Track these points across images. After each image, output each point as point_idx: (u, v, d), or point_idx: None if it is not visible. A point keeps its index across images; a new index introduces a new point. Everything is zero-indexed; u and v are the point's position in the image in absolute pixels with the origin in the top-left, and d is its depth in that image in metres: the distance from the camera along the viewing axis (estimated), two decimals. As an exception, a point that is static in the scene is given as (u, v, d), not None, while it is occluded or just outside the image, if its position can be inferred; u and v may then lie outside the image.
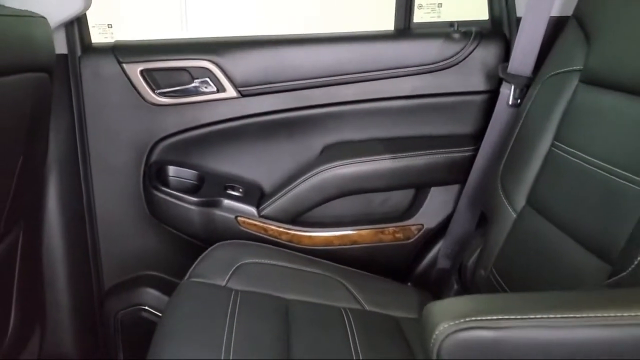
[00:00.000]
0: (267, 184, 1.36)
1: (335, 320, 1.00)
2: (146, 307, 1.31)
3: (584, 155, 0.87)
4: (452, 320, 0.54)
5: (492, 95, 1.25)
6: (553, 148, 0.95)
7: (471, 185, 1.24)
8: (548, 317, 0.54)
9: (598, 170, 0.83)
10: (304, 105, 1.30)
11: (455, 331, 0.54)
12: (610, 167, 0.80)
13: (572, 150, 0.90)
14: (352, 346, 0.92)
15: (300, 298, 1.04)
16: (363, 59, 1.29)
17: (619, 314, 0.53)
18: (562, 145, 0.92)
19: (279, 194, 1.30)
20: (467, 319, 0.54)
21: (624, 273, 0.72)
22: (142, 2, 3.17)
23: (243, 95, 1.28)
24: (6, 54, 0.87)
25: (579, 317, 0.54)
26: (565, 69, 0.96)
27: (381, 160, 1.30)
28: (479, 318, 0.54)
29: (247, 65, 1.27)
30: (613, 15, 0.90)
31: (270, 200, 1.30)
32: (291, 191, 1.30)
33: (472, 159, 1.25)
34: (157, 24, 3.11)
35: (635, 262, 0.70)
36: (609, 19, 0.92)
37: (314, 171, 1.29)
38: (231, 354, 0.84)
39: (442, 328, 0.54)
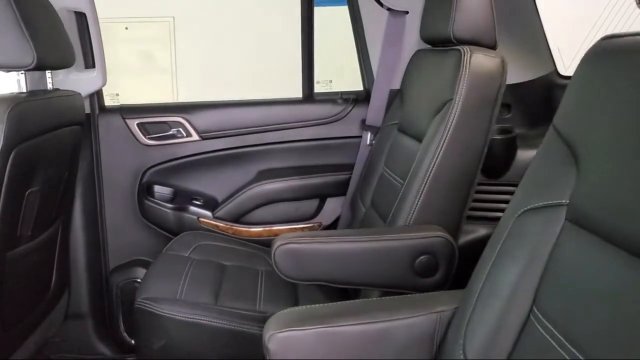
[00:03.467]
0: (219, 196, 2.01)
1: (253, 276, 1.60)
2: (138, 280, 1.92)
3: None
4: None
5: (360, 138, 1.93)
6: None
7: (349, 195, 1.91)
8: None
9: None
10: (243, 145, 1.98)
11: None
12: None
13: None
14: (259, 288, 1.53)
15: (233, 264, 1.67)
16: (282, 115, 1.98)
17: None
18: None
19: (227, 202, 1.97)
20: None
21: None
22: (139, 79, 4.08)
23: (203, 139, 1.95)
24: (63, 116, 1.53)
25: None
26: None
27: (293, 179, 1.97)
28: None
29: (205, 119, 1.95)
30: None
31: (221, 206, 1.96)
32: (235, 200, 1.96)
33: (349, 178, 1.93)
34: (154, 92, 4.04)
35: None
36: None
37: (250, 187, 1.96)
38: (185, 286, 1.46)
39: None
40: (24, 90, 1.48)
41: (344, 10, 1.96)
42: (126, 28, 4.57)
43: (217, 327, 1.32)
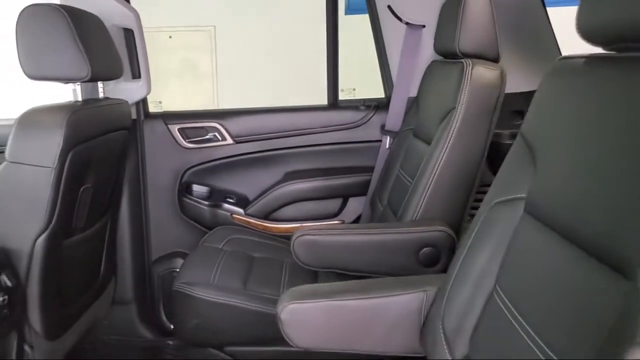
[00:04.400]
0: (250, 194, 2.20)
1: (279, 266, 1.77)
2: (177, 269, 2.10)
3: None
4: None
5: (380, 142, 2.08)
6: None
7: (369, 195, 2.06)
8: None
9: None
10: (272, 148, 2.16)
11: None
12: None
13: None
14: (283, 277, 1.70)
15: (261, 255, 1.85)
16: (308, 120, 2.15)
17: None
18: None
19: (257, 200, 2.15)
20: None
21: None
22: (182, 84, 4.45)
23: (237, 142, 2.14)
24: (112, 122, 1.73)
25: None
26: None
27: (318, 180, 2.13)
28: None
29: (239, 124, 2.14)
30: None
31: (252, 204, 2.15)
32: (264, 198, 2.14)
33: (370, 179, 2.08)
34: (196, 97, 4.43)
35: None
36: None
37: (278, 186, 2.14)
38: (217, 273, 1.65)
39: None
40: (80, 99, 1.67)
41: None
42: (170, 37, 4.87)
43: (244, 309, 1.49)
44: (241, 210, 2.13)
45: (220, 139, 2.13)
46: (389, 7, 1.93)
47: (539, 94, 0.89)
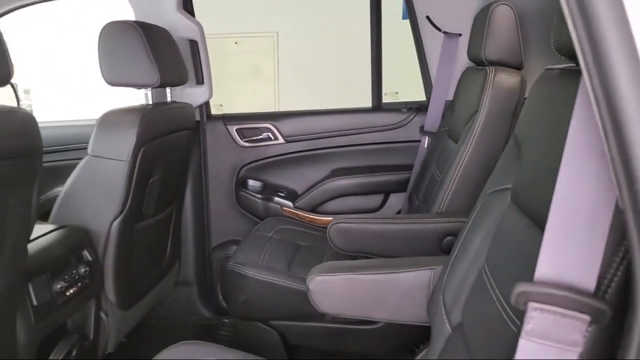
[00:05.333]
0: (299, 189, 2.40)
1: (320, 253, 1.93)
2: None
3: None
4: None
5: (419, 142, 2.22)
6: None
7: (408, 191, 2.21)
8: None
9: None
10: (320, 147, 2.35)
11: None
12: None
13: None
14: (324, 262, 1.88)
15: (306, 244, 2.04)
16: (353, 122, 2.32)
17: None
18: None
19: (305, 194, 2.34)
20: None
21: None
22: (246, 87, 4.77)
23: (288, 142, 2.35)
24: (178, 122, 1.96)
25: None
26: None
27: (361, 177, 2.31)
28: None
29: (290, 125, 2.34)
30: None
31: (300, 198, 2.34)
32: (311, 193, 2.33)
33: (409, 177, 2.23)
34: (258, 99, 4.75)
35: None
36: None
37: (325, 182, 2.32)
38: (265, 256, 1.85)
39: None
40: (150, 102, 1.92)
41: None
42: (236, 43, 5.19)
43: (287, 287, 1.69)
44: (290, 204, 2.34)
45: (272, 138, 2.34)
46: (427, 17, 2.08)
47: (528, 99, 1.03)
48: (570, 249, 0.55)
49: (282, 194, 2.36)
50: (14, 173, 1.10)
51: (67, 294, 1.47)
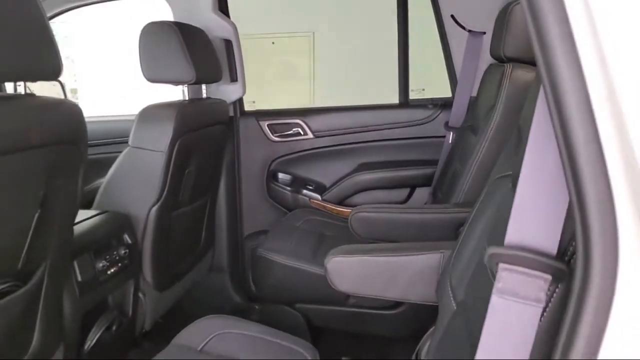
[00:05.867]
0: (327, 182, 2.49)
1: (344, 242, 2.03)
2: None
3: None
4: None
5: (444, 138, 2.28)
6: None
7: (433, 185, 2.27)
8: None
9: None
10: (348, 142, 2.43)
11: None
12: None
13: None
14: None
15: (331, 234, 2.13)
16: (380, 117, 2.40)
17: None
18: None
19: (332, 187, 2.43)
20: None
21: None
22: (283, 85, 4.91)
23: (316, 137, 2.44)
24: (212, 117, 2.08)
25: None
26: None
27: (387, 171, 2.38)
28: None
29: (319, 121, 2.44)
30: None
31: (328, 191, 2.44)
32: (339, 186, 2.42)
33: (434, 171, 2.29)
34: (294, 97, 4.86)
35: None
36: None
37: (352, 176, 2.41)
38: (292, 244, 1.95)
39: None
40: (187, 98, 2.05)
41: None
42: (273, 43, 5.32)
43: (311, 273, 1.79)
44: (318, 196, 2.43)
45: (302, 133, 2.44)
46: (452, 16, 2.14)
47: (530, 91, 1.09)
48: (534, 218, 0.62)
49: (310, 187, 2.45)
50: (62, 159, 1.22)
51: (108, 272, 1.60)
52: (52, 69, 1.12)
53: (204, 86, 2.17)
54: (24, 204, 1.13)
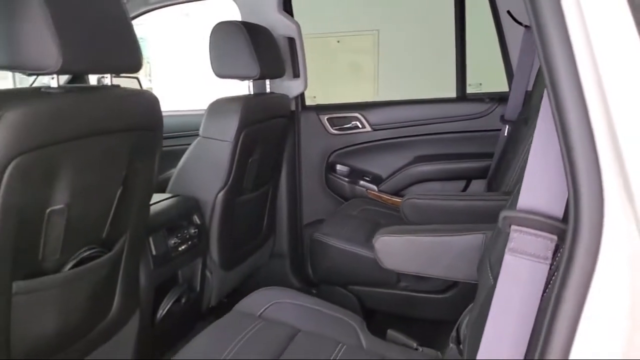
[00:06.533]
0: (383, 174, 2.58)
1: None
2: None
3: None
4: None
5: (500, 131, 2.32)
6: None
7: (489, 178, 2.32)
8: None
9: None
10: (405, 135, 2.51)
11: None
12: None
13: None
14: None
15: (386, 222, 2.21)
16: (437, 111, 2.47)
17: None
18: None
19: (389, 179, 2.52)
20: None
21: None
22: (347, 82, 5.02)
23: (374, 130, 2.54)
24: (275, 111, 2.22)
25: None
26: None
27: (443, 164, 2.44)
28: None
29: (376, 115, 2.53)
30: None
31: (384, 182, 2.53)
32: (395, 177, 2.51)
33: (490, 164, 2.33)
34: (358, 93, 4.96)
35: None
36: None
37: (408, 168, 2.49)
38: (347, 229, 2.05)
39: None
40: (251, 92, 2.20)
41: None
42: (338, 41, 5.45)
43: (363, 256, 1.89)
44: (374, 187, 2.53)
45: (360, 127, 2.54)
46: (508, 12, 2.18)
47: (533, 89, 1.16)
48: (543, 186, 0.70)
49: (367, 178, 2.55)
50: (141, 143, 1.38)
51: (179, 249, 1.77)
52: (133, 64, 1.28)
53: (267, 81, 2.31)
54: (109, 181, 1.30)
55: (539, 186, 0.71)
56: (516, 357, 0.70)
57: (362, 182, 2.55)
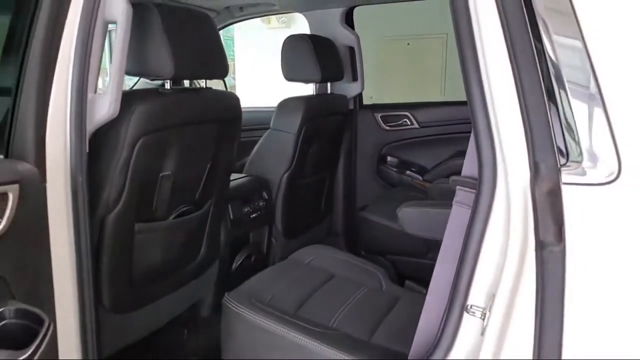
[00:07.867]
0: (428, 165, 2.93)
1: None
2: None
3: None
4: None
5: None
6: None
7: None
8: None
9: None
10: (448, 132, 2.86)
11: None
12: None
13: None
14: None
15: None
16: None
17: None
18: None
19: (433, 170, 2.88)
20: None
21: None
22: (415, 83, 5.36)
23: (421, 127, 2.91)
24: (334, 109, 2.64)
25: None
26: None
27: (480, 158, 2.77)
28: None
29: (424, 114, 2.90)
30: None
31: (428, 173, 2.89)
32: (438, 169, 2.86)
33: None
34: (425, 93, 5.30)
35: None
36: None
37: (450, 160, 2.83)
38: (389, 209, 2.44)
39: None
40: (314, 93, 2.63)
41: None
42: (408, 44, 5.78)
43: (399, 230, 2.25)
44: (419, 177, 2.90)
45: (409, 124, 2.92)
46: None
47: None
48: (471, 158, 1.09)
49: (413, 169, 2.92)
50: (225, 131, 1.84)
51: (251, 216, 2.24)
52: (221, 72, 1.75)
53: (329, 84, 2.73)
54: (203, 157, 1.78)
55: (470, 159, 1.10)
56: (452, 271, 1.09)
57: (408, 172, 2.92)
